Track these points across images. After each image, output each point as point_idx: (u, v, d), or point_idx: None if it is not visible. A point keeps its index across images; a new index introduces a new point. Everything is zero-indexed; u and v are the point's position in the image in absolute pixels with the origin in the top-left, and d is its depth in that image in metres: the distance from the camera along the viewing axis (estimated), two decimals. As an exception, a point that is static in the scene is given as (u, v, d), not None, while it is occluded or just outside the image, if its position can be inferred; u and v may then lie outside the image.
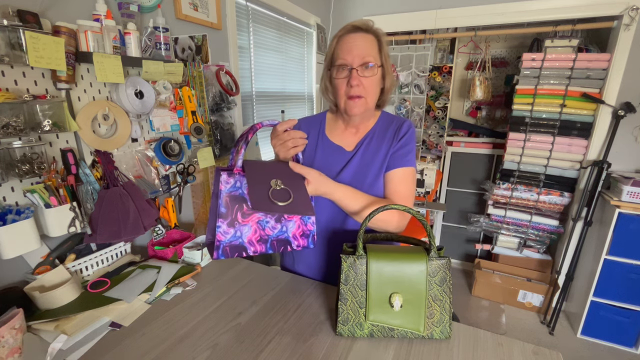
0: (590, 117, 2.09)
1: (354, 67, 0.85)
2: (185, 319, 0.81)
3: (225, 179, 0.72)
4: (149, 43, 1.12)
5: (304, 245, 0.82)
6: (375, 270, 0.71)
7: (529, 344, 0.71)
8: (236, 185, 0.74)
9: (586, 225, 2.05)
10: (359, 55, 0.85)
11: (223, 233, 0.72)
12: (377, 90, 0.91)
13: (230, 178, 0.73)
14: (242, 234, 0.74)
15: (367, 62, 0.85)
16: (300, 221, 0.81)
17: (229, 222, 0.73)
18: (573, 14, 2.05)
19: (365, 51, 0.85)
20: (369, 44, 0.86)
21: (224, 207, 0.72)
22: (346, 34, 0.88)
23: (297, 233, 0.81)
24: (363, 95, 0.87)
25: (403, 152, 0.93)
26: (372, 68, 0.86)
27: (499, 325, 2.21)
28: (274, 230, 0.78)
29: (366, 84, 0.87)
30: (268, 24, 2.00)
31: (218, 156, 1.52)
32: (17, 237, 0.81)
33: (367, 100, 0.89)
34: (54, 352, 0.70)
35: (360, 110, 0.90)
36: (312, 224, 0.83)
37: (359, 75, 0.85)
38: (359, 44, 0.85)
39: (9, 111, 0.79)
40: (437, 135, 2.76)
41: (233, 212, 0.73)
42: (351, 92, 0.87)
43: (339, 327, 0.72)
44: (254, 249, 0.76)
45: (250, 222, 0.75)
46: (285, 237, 0.80)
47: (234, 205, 0.73)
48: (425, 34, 2.52)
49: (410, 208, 0.73)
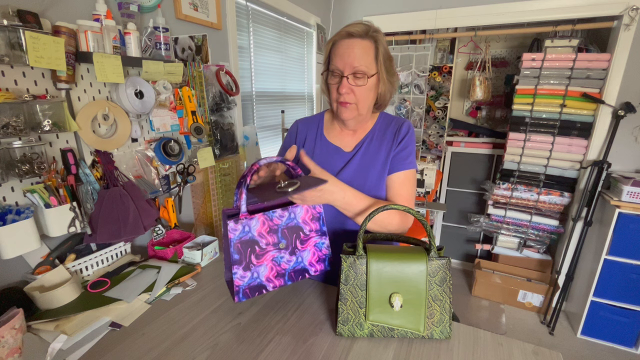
0: (590, 117, 2.09)
1: (344, 75, 0.84)
2: (185, 319, 0.80)
3: (233, 228, 0.72)
4: (149, 43, 1.12)
5: (321, 269, 0.83)
6: (375, 270, 0.71)
7: (529, 344, 0.71)
8: (245, 230, 0.74)
9: (586, 225, 2.05)
10: (350, 64, 0.83)
11: (240, 278, 0.74)
12: (369, 97, 0.89)
13: (238, 225, 0.73)
14: (259, 274, 0.75)
15: (358, 71, 0.83)
16: (314, 248, 0.81)
17: (244, 267, 0.74)
18: (573, 14, 2.05)
19: (357, 60, 0.83)
20: (363, 52, 0.84)
21: (236, 254, 0.73)
22: (340, 40, 0.86)
23: (313, 260, 0.82)
24: (353, 102, 0.87)
25: (404, 154, 0.93)
26: (362, 77, 0.84)
27: (499, 325, 2.21)
28: (289, 263, 0.79)
29: (357, 91, 0.86)
30: (268, 24, 2.00)
31: (218, 156, 1.52)
32: (17, 237, 0.81)
33: (358, 107, 0.88)
34: (54, 352, 0.70)
35: (350, 116, 0.90)
36: (327, 248, 0.83)
37: (349, 83, 0.85)
38: (352, 51, 0.83)
39: (9, 111, 0.79)
40: (437, 135, 2.76)
41: (247, 257, 0.74)
42: (340, 99, 0.87)
43: (339, 327, 0.72)
44: (273, 284, 0.78)
45: (265, 261, 0.76)
46: (302, 267, 0.81)
47: (246, 250, 0.74)
48: (425, 34, 2.52)
49: (410, 208, 0.73)
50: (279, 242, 0.77)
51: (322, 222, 0.83)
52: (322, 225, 0.82)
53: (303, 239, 0.80)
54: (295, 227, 0.79)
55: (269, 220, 0.76)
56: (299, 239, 0.80)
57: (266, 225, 0.76)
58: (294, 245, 0.79)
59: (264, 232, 0.76)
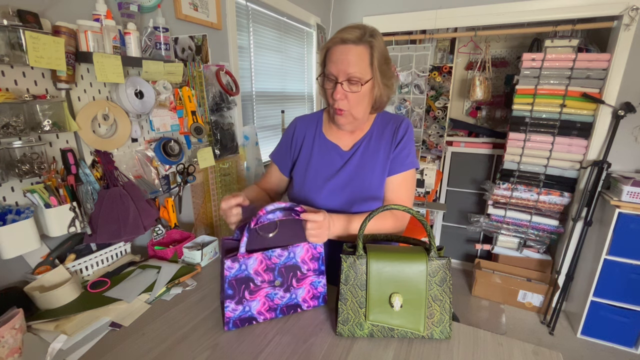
0: (590, 117, 2.09)
1: (338, 81, 0.84)
2: (185, 319, 0.80)
3: (229, 266, 0.72)
4: (149, 43, 1.12)
5: (314, 305, 0.83)
6: (375, 270, 0.71)
7: (529, 344, 0.71)
8: (241, 269, 0.74)
9: (586, 225, 2.05)
10: (344, 71, 0.82)
11: (232, 311, 0.74)
12: (364, 102, 0.88)
13: (235, 263, 0.73)
14: (251, 307, 0.76)
15: (352, 77, 0.83)
16: (310, 286, 0.81)
17: (237, 301, 0.74)
18: (573, 14, 2.05)
19: (351, 66, 0.82)
20: (357, 58, 0.82)
21: (230, 290, 0.73)
22: (334, 46, 0.84)
23: (307, 297, 0.81)
24: (346, 109, 0.87)
25: (403, 155, 0.93)
26: (357, 84, 0.84)
27: (499, 325, 2.21)
28: (282, 299, 0.79)
29: (351, 97, 0.85)
30: (268, 24, 2.00)
31: (218, 156, 1.52)
32: (17, 237, 0.81)
33: (352, 113, 0.88)
34: (54, 352, 0.70)
35: (345, 122, 0.90)
36: (323, 286, 0.83)
37: (343, 89, 0.84)
38: (346, 58, 0.82)
39: (9, 111, 0.79)
40: (437, 135, 2.76)
41: (240, 292, 0.74)
42: (334, 105, 0.87)
43: (339, 327, 0.72)
44: (264, 317, 0.78)
45: (258, 296, 0.76)
46: (295, 303, 0.80)
47: (240, 286, 0.74)
48: (425, 34, 2.52)
49: (409, 208, 0.73)
50: (274, 279, 0.77)
51: (321, 262, 0.81)
52: (321, 265, 0.81)
53: (300, 277, 0.80)
54: (293, 266, 0.79)
55: (267, 259, 0.76)
56: (295, 277, 0.79)
57: (264, 264, 0.76)
58: (290, 283, 0.79)
59: (261, 270, 0.75)
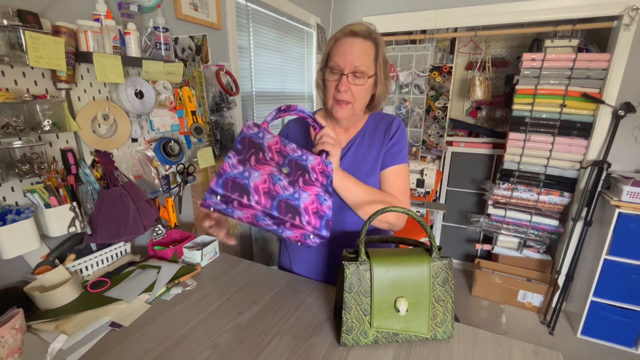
0: (590, 117, 2.09)
1: (344, 73, 0.85)
2: (185, 319, 0.80)
3: (250, 125, 0.70)
4: (149, 43, 1.12)
5: (315, 225, 0.71)
6: (379, 276, 0.70)
7: (529, 344, 0.71)
8: (259, 135, 0.71)
9: (586, 225, 2.05)
10: (351, 63, 0.84)
11: (231, 165, 0.65)
12: (366, 97, 0.90)
13: (255, 127, 0.71)
14: (250, 176, 0.66)
15: (358, 70, 0.84)
16: (315, 197, 0.73)
17: (241, 160, 0.67)
18: (573, 14, 2.05)
19: (359, 59, 0.84)
20: (364, 52, 0.84)
21: (239, 144, 0.68)
22: (343, 37, 0.86)
23: (310, 208, 0.71)
24: (350, 101, 0.87)
25: (395, 150, 0.94)
26: (362, 77, 0.85)
27: (499, 325, 2.21)
28: (284, 190, 0.69)
29: (355, 90, 0.86)
30: (268, 24, 2.00)
31: (218, 156, 1.52)
32: (17, 237, 0.81)
33: (354, 106, 0.89)
34: (54, 352, 0.70)
35: (345, 115, 0.90)
36: (329, 208, 0.74)
37: (348, 81, 0.85)
38: (354, 50, 0.84)
39: (9, 111, 0.79)
40: (437, 135, 2.76)
41: (247, 153, 0.68)
42: (338, 97, 0.87)
43: (343, 337, 0.70)
44: (259, 198, 0.66)
45: (262, 169, 0.68)
46: (296, 205, 0.70)
47: (250, 149, 0.69)
48: (425, 34, 2.52)
49: (409, 210, 0.72)
50: (283, 165, 0.72)
51: (329, 183, 0.77)
52: (329, 186, 0.77)
53: (307, 180, 0.74)
54: (303, 167, 0.75)
55: (283, 145, 0.74)
56: (302, 177, 0.74)
57: (278, 146, 0.73)
58: (296, 179, 0.72)
59: (274, 148, 0.72)
